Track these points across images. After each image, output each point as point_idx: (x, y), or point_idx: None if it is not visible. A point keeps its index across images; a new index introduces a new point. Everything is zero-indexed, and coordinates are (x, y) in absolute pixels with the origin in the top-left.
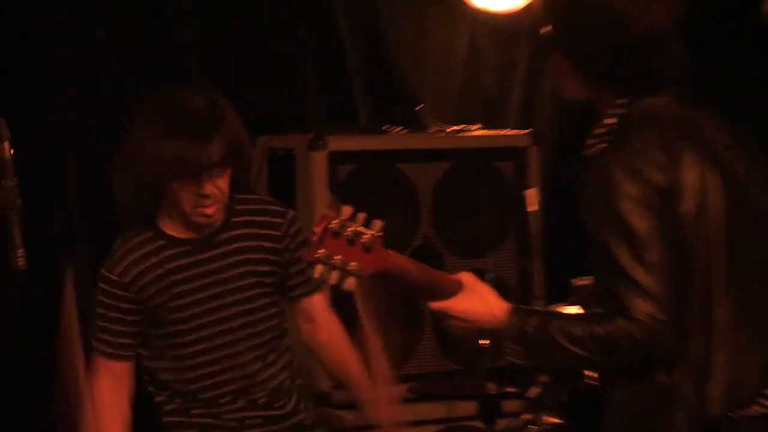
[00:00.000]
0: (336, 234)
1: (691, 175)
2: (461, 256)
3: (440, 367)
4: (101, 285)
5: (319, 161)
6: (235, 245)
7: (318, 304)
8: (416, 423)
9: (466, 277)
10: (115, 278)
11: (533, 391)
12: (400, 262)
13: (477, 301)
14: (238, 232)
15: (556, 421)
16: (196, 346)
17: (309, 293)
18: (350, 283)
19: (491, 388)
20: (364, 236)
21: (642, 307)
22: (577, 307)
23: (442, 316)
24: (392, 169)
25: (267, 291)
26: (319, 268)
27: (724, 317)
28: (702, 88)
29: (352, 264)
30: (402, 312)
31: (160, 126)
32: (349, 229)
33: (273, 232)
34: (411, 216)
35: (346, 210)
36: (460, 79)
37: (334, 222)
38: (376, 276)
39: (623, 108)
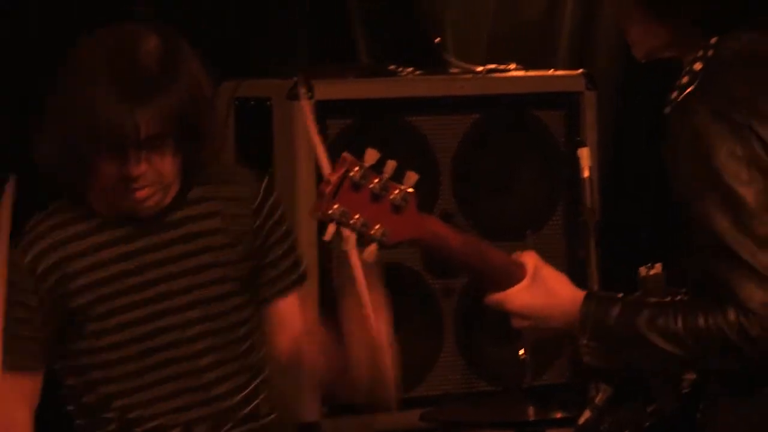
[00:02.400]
0: (357, 186)
1: None
2: (493, 239)
3: (466, 387)
4: (6, 274)
5: (303, 114)
6: (190, 227)
7: (292, 305)
8: None
9: (530, 259)
10: (25, 266)
11: (586, 417)
12: (441, 230)
13: (543, 292)
14: (196, 209)
15: None
16: (133, 364)
17: (284, 291)
18: (371, 251)
19: (531, 413)
20: (394, 191)
21: (755, 294)
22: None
23: (500, 314)
24: (401, 123)
25: (235, 287)
26: (331, 229)
27: None
28: None
29: (375, 227)
30: (417, 313)
31: (85, 76)
32: (375, 180)
33: (241, 209)
34: (427, 186)
35: (371, 154)
36: (493, 1)
37: (355, 169)
38: (407, 244)
39: (712, 48)
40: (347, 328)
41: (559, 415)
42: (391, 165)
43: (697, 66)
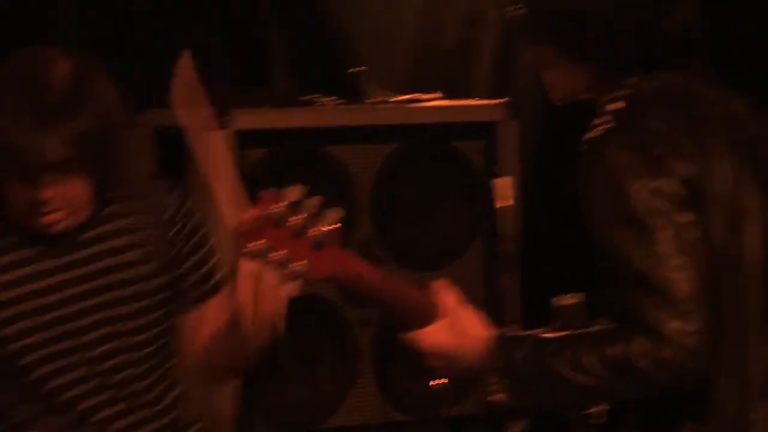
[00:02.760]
0: (278, 222)
1: (724, 174)
2: (412, 268)
3: (382, 418)
4: None
5: (221, 143)
6: (103, 245)
7: (209, 313)
8: None
9: (446, 297)
10: None
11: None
12: (360, 268)
13: (456, 332)
14: (109, 227)
15: None
16: (43, 385)
17: (198, 301)
18: (293, 286)
19: None
20: (315, 228)
21: (669, 321)
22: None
23: (415, 351)
24: (319, 153)
25: (151, 303)
26: (250, 266)
27: (759, 372)
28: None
29: (297, 262)
30: (333, 343)
31: None
32: (297, 217)
33: (156, 222)
34: (346, 215)
35: (294, 191)
36: (413, 32)
37: (276, 206)
38: (327, 280)
39: (631, 88)
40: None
41: None
42: (313, 201)
43: (615, 105)
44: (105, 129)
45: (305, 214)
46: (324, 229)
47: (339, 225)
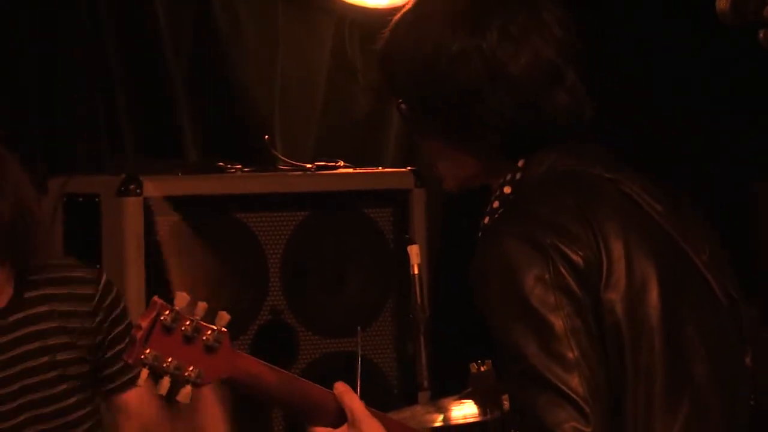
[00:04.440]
0: (168, 329)
1: (617, 250)
2: (322, 335)
3: None
4: None
5: (132, 210)
6: (27, 329)
7: (141, 398)
8: None
9: (350, 404)
10: None
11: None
12: (255, 369)
13: None
14: (32, 311)
15: None
16: None
17: (124, 387)
18: (185, 393)
19: None
20: (206, 332)
21: (564, 419)
22: (473, 402)
23: None
24: (230, 220)
25: (74, 386)
26: (144, 374)
27: None
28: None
29: (189, 369)
30: (245, 422)
31: None
32: (186, 323)
33: (80, 308)
34: (256, 283)
35: (181, 297)
36: (321, 100)
37: (165, 313)
38: (222, 383)
39: (520, 171)
40: None
41: None
42: (202, 306)
43: (506, 190)
44: (21, 216)
45: (194, 320)
46: (214, 331)
47: (227, 330)
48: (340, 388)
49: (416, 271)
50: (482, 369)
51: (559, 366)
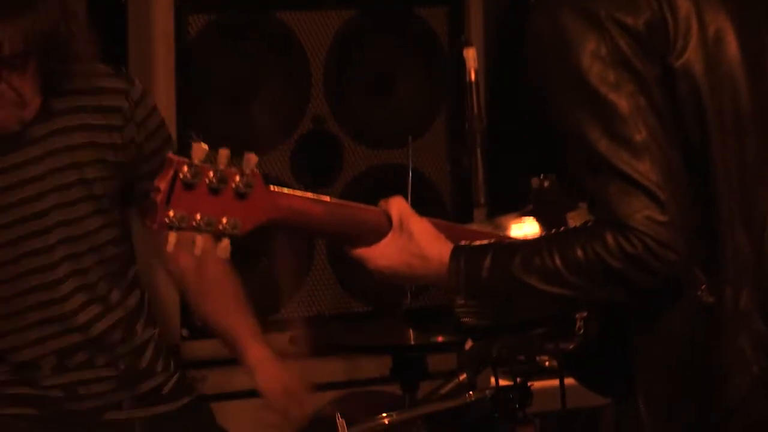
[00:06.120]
0: (190, 185)
1: (684, 6)
2: (369, 146)
3: (340, 308)
4: None
5: (161, 7)
6: (55, 143)
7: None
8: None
9: (395, 208)
10: None
11: (472, 343)
12: (298, 205)
13: (408, 249)
14: (61, 123)
15: (506, 383)
16: None
17: None
18: (224, 247)
19: (411, 337)
20: (234, 179)
21: (635, 208)
22: (534, 220)
23: (364, 268)
24: (268, 19)
25: (101, 207)
26: (172, 238)
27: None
28: None
29: (222, 221)
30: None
31: None
32: (210, 174)
33: (111, 121)
34: (296, 89)
35: (199, 149)
36: None
37: (184, 169)
38: (266, 227)
39: None
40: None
41: (440, 339)
42: (224, 154)
43: None
44: (64, 20)
45: (219, 167)
46: (244, 175)
47: (259, 169)
48: (388, 199)
49: (473, 78)
50: (545, 184)
51: (626, 150)
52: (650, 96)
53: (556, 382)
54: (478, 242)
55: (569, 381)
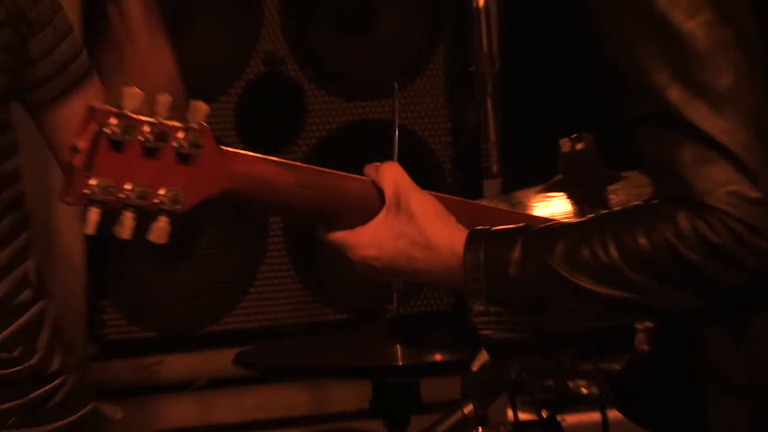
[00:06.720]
0: (118, 144)
1: None
2: (342, 95)
3: (304, 316)
4: None
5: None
6: None
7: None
8: (257, 425)
9: (391, 180)
10: None
11: (483, 361)
12: (260, 170)
13: (405, 231)
14: None
15: (528, 416)
16: None
17: (67, 92)
18: (160, 229)
19: (400, 356)
20: (176, 135)
21: (717, 181)
22: (565, 195)
23: (344, 258)
24: None
25: None
26: (92, 216)
27: None
28: None
29: (159, 192)
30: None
31: None
32: (144, 129)
33: None
34: (243, 20)
35: (131, 94)
36: None
37: (111, 122)
38: (217, 200)
39: None
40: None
41: (438, 358)
42: (164, 102)
43: None
44: None
45: (156, 120)
46: (189, 131)
47: (208, 124)
48: (373, 166)
49: (481, 3)
50: (578, 147)
51: (704, 101)
52: (738, 24)
53: (596, 416)
54: (501, 226)
55: (614, 414)
